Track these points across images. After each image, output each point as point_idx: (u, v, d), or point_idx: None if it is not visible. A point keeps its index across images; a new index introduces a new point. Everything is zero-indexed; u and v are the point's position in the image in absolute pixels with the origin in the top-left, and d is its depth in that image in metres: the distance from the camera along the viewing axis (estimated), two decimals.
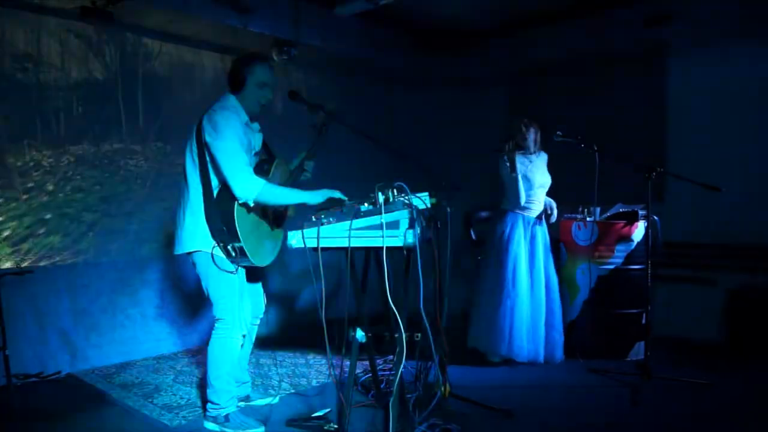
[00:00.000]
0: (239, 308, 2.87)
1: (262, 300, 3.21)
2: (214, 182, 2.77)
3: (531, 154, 3.95)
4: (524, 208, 3.93)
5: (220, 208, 2.72)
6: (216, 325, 2.87)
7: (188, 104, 4.49)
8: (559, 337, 3.96)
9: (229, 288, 2.82)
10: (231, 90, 2.88)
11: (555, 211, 4.08)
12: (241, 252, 2.71)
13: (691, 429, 2.95)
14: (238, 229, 2.67)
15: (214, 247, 2.76)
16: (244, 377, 3.24)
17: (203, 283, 2.87)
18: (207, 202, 2.77)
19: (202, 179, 2.78)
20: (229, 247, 2.72)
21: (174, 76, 4.48)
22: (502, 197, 4.01)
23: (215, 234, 2.74)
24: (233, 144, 2.70)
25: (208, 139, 2.71)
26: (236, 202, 2.68)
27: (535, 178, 3.90)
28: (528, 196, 3.89)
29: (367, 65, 5.48)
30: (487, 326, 3.87)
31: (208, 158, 2.76)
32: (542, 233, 3.99)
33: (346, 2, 4.53)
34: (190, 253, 2.84)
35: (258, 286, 3.18)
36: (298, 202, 2.82)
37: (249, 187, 2.67)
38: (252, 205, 2.72)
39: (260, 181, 2.70)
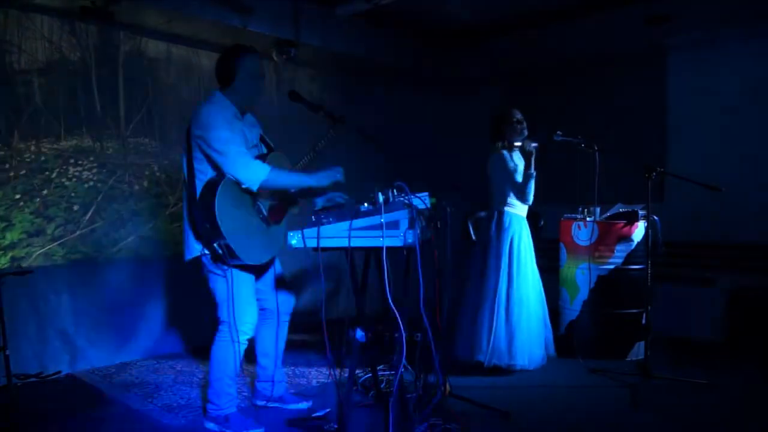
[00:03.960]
0: (245, 312, 2.82)
1: (291, 297, 3.16)
2: (199, 182, 2.73)
3: (516, 151, 3.82)
4: (522, 209, 3.82)
5: (203, 206, 2.65)
6: (219, 327, 2.83)
7: (184, 103, 4.47)
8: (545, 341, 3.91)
9: (233, 291, 2.79)
10: (221, 85, 2.83)
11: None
12: (229, 250, 2.63)
13: (691, 429, 2.95)
14: (220, 224, 2.58)
15: (203, 249, 2.72)
16: (278, 377, 3.20)
17: (210, 285, 2.85)
18: (192, 202, 2.73)
19: (189, 181, 2.76)
20: (215, 245, 2.64)
21: (172, 76, 4.48)
22: (498, 198, 3.83)
23: (202, 234, 2.69)
24: (225, 132, 2.65)
25: (197, 132, 2.67)
26: (216, 197, 2.59)
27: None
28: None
29: (366, 65, 5.49)
30: (506, 337, 3.66)
31: (195, 157, 2.73)
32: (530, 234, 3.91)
33: (346, 2, 4.53)
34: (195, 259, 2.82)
35: (284, 284, 3.14)
36: (305, 186, 2.80)
37: (253, 171, 2.63)
38: (255, 190, 2.67)
39: (265, 166, 2.67)
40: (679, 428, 2.96)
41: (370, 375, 3.29)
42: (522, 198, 3.71)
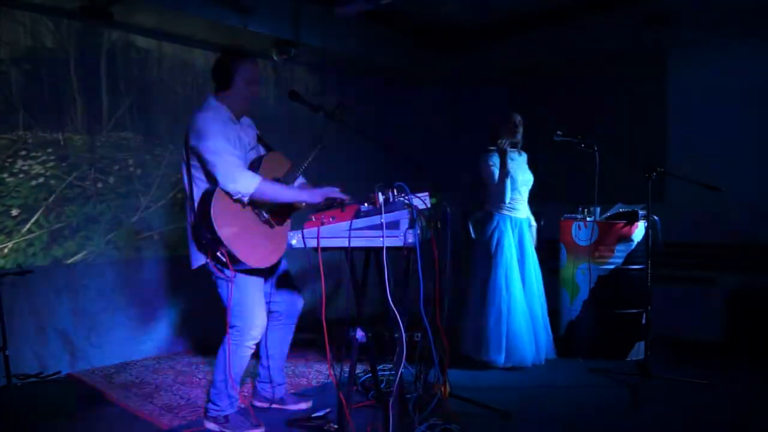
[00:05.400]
0: (253, 316, 2.82)
1: (299, 300, 3.14)
2: (198, 189, 2.74)
3: (514, 152, 3.90)
4: (510, 209, 3.88)
5: (201, 215, 2.64)
6: (229, 331, 2.82)
7: (178, 101, 4.39)
8: (548, 337, 3.98)
9: (241, 295, 2.78)
10: (217, 87, 2.83)
11: (535, 236, 4.05)
12: (231, 256, 2.63)
13: (691, 429, 2.95)
14: (219, 233, 2.58)
15: (207, 258, 2.73)
16: (279, 379, 3.19)
17: (218, 291, 2.84)
18: (192, 211, 2.74)
19: (189, 189, 2.77)
20: (218, 254, 2.64)
21: (168, 74, 4.46)
22: (487, 198, 3.93)
23: (204, 242, 2.68)
24: (219, 141, 2.65)
25: (193, 143, 2.68)
26: (212, 206, 2.59)
27: (518, 177, 3.86)
28: (512, 194, 3.84)
29: (367, 65, 5.48)
30: (484, 334, 3.78)
31: (192, 165, 2.74)
32: (530, 234, 3.97)
33: (346, 2, 4.53)
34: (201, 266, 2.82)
35: (291, 287, 3.13)
36: (297, 201, 2.79)
37: (243, 182, 2.62)
38: (246, 201, 2.67)
39: (256, 177, 2.65)
40: (679, 428, 2.96)
41: (370, 375, 3.29)
42: (500, 197, 3.80)
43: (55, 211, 3.50)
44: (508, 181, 3.74)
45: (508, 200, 3.80)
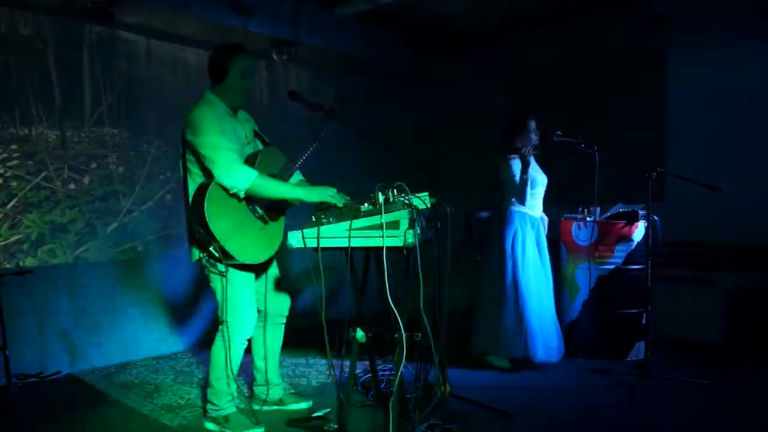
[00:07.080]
0: (244, 312, 2.83)
1: (286, 299, 3.14)
2: (193, 183, 2.75)
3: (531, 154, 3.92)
4: (529, 208, 3.89)
5: (195, 210, 2.65)
6: (220, 327, 2.83)
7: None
8: (560, 333, 3.98)
9: (232, 291, 2.78)
10: (212, 82, 2.84)
11: (546, 229, 4.04)
12: (224, 252, 2.63)
13: (691, 429, 2.95)
14: (212, 228, 2.58)
15: (201, 252, 2.74)
16: (276, 380, 3.18)
17: (210, 285, 2.84)
18: (187, 207, 2.75)
19: (184, 183, 2.78)
20: (211, 249, 2.65)
21: (172, 76, 4.47)
22: (506, 198, 3.93)
23: (197, 237, 2.69)
24: (214, 136, 2.65)
25: (189, 138, 2.69)
26: (206, 201, 2.59)
27: (537, 178, 3.88)
28: (532, 195, 3.86)
29: (366, 65, 5.49)
30: (511, 331, 3.74)
31: (188, 159, 2.75)
32: (544, 233, 3.99)
33: (346, 2, 4.53)
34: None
35: (279, 286, 3.12)
36: (293, 198, 2.79)
37: (238, 177, 2.62)
38: (243, 196, 2.68)
39: (252, 172, 2.65)
40: (679, 428, 2.95)
41: (370, 375, 3.29)
42: (520, 201, 3.83)
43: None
44: (528, 186, 3.77)
45: (526, 203, 3.83)
